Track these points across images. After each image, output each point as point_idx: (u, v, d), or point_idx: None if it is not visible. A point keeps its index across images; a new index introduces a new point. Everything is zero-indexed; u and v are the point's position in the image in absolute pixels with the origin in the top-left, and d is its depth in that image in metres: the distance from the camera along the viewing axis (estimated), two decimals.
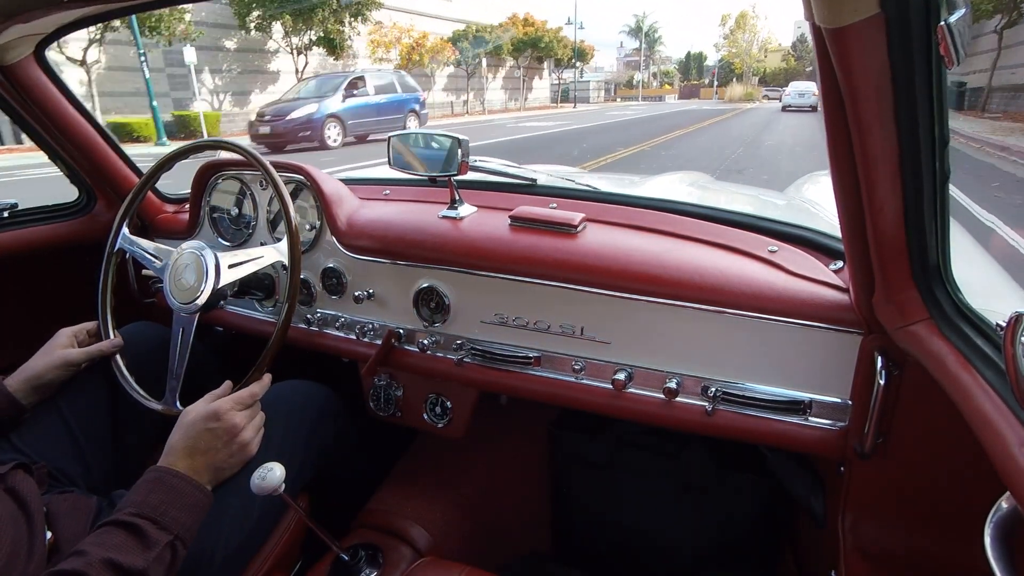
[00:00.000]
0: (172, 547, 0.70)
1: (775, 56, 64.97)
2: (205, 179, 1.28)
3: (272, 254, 1.04)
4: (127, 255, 1.28)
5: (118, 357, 1.03)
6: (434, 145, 1.07)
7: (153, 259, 1.10)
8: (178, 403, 0.98)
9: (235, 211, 1.27)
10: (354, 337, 1.16)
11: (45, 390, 0.96)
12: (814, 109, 23.94)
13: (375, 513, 1.15)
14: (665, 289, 0.87)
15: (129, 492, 0.74)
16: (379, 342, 1.11)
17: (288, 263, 0.98)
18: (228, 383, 0.91)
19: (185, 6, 11.07)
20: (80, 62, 12.75)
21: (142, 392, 1.00)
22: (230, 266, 1.02)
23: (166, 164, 1.11)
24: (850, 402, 0.80)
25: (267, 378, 0.93)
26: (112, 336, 1.05)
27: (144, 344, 1.10)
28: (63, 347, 0.99)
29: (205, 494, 0.77)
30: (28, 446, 0.90)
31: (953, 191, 0.57)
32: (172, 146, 3.19)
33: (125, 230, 1.12)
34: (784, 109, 26.38)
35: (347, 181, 1.27)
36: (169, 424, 0.97)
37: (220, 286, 1.01)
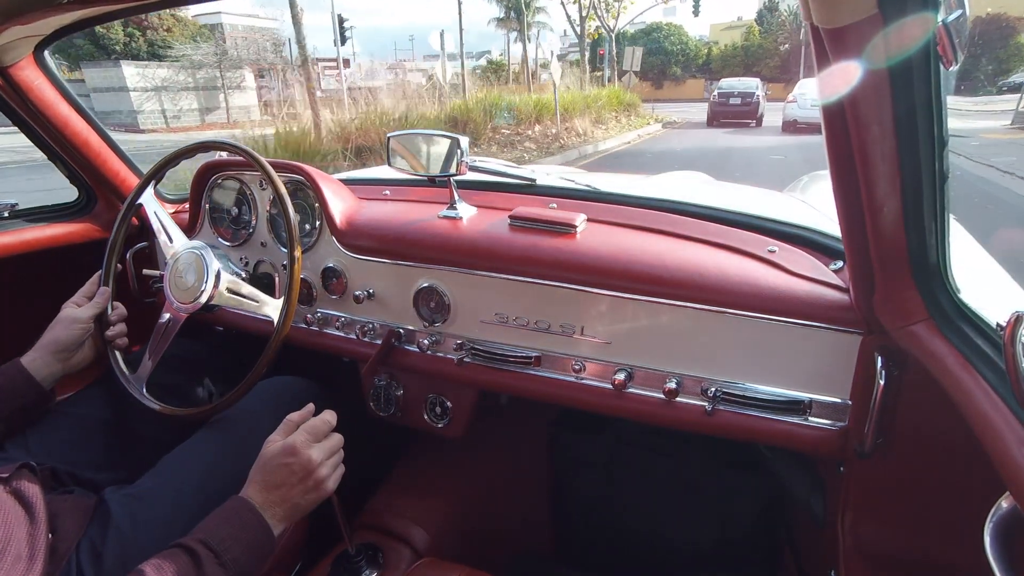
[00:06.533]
0: None
1: (732, 34, 40.18)
2: (205, 179, 1.28)
3: (268, 308, 1.02)
4: (128, 255, 1.28)
5: (116, 350, 1.03)
6: (434, 145, 1.07)
7: (166, 235, 1.11)
8: (144, 389, 1.00)
9: (235, 211, 1.27)
10: (354, 337, 1.16)
11: (64, 355, 0.97)
12: None
13: (375, 513, 1.15)
14: (665, 289, 0.87)
15: (210, 515, 0.73)
16: (379, 342, 1.11)
17: (288, 260, 0.98)
18: (310, 406, 0.86)
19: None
20: None
21: (123, 367, 1.01)
22: (228, 290, 1.04)
23: (167, 164, 1.11)
24: (850, 402, 0.80)
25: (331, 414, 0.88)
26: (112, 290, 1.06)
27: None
28: (67, 310, 1.00)
29: (270, 539, 0.75)
30: (34, 446, 0.91)
31: None
32: None
33: (151, 189, 1.12)
34: (788, 128, 13.98)
35: (346, 181, 1.28)
36: (176, 424, 0.97)
37: (214, 302, 1.03)
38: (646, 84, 36.85)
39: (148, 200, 1.12)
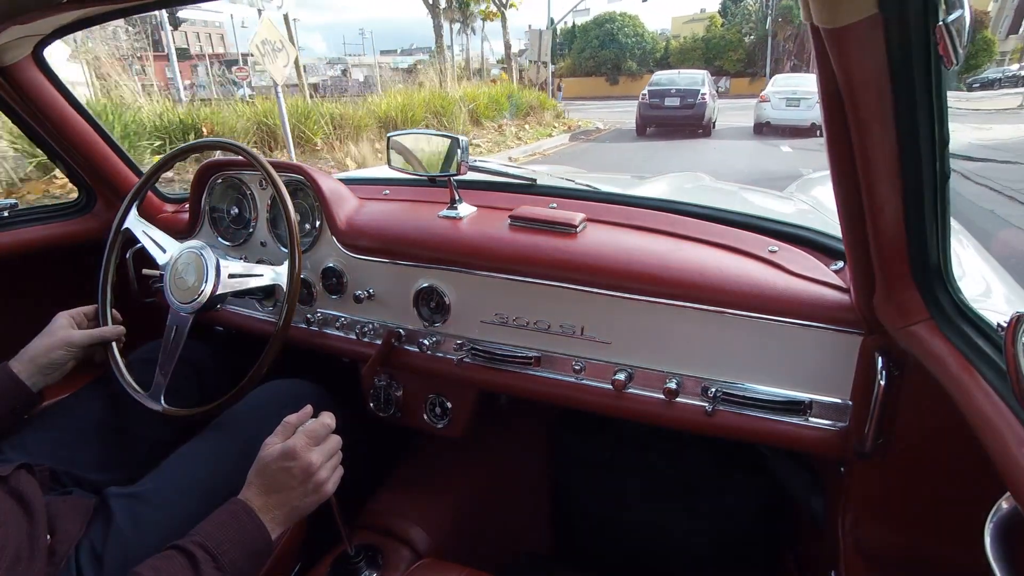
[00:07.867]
0: None
1: (695, 27, 36.51)
2: (205, 179, 1.28)
3: (272, 274, 1.05)
4: (128, 256, 1.28)
5: (116, 351, 1.03)
6: (433, 145, 1.07)
7: (157, 248, 1.10)
8: (163, 399, 0.99)
9: (235, 211, 1.27)
10: (354, 337, 1.16)
11: (49, 371, 0.96)
12: (815, 129, 10.50)
13: (374, 514, 1.15)
14: (665, 289, 0.87)
15: (208, 518, 0.73)
16: (379, 342, 1.11)
17: (288, 262, 0.98)
18: (308, 408, 0.86)
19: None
20: None
21: (135, 386, 1.00)
22: (230, 275, 1.03)
23: (167, 163, 1.11)
24: (850, 402, 0.80)
25: (328, 416, 0.88)
26: (111, 321, 1.06)
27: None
28: (63, 328, 0.99)
29: (268, 543, 0.75)
30: (32, 447, 0.91)
31: None
32: None
33: (135, 211, 1.12)
34: (760, 129, 11.87)
35: (346, 181, 1.27)
36: (177, 424, 0.97)
37: (218, 292, 1.02)
38: (599, 79, 34.59)
39: (133, 223, 1.12)
